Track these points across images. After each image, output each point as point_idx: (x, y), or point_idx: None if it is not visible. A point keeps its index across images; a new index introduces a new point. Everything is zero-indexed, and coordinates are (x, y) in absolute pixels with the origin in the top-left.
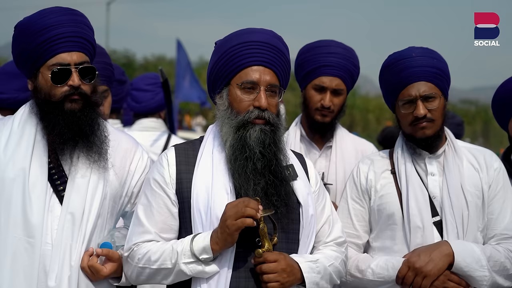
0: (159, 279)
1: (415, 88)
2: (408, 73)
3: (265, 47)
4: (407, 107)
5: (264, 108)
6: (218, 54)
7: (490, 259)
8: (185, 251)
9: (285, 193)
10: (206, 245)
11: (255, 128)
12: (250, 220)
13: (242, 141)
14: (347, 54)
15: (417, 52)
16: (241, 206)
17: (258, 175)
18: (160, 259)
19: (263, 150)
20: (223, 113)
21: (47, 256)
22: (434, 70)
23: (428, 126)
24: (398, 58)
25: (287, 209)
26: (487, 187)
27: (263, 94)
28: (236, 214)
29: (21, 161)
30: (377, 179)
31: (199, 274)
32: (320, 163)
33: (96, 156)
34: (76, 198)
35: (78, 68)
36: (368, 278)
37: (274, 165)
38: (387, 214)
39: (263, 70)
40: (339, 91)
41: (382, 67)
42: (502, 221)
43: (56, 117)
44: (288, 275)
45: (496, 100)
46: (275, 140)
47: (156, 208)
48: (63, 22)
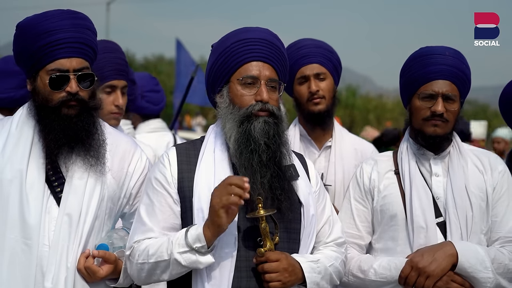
0: (159, 273)
1: (439, 84)
2: (437, 68)
3: (262, 43)
4: (426, 101)
5: (266, 100)
6: (216, 54)
7: (494, 261)
8: (179, 240)
9: (289, 187)
10: (199, 232)
11: (259, 120)
12: (236, 197)
13: (247, 134)
14: (316, 43)
15: (450, 52)
16: (225, 184)
17: (264, 167)
18: (158, 252)
19: (268, 141)
20: (225, 110)
21: (44, 258)
22: (461, 74)
23: (441, 125)
24: (430, 52)
25: (290, 203)
26: (492, 189)
27: (264, 87)
28: (221, 193)
29: (18, 163)
30: (381, 179)
31: (193, 264)
32: (320, 163)
33: (93, 160)
34: (73, 199)
35: (77, 75)
36: (370, 279)
37: (278, 157)
38: (390, 215)
39: (262, 65)
40: (321, 75)
41: (410, 57)
42: (507, 224)
43: (52, 122)
44: (290, 274)
45: (504, 99)
46: (278, 132)
47: (158, 206)
48: (64, 27)
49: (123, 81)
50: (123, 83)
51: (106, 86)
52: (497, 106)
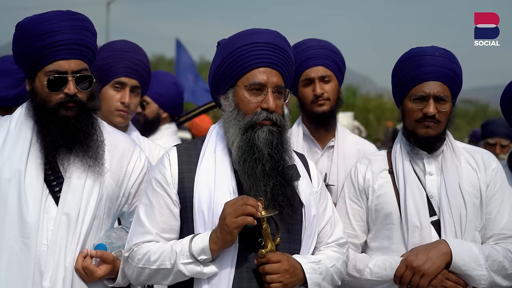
0: (159, 279)
1: (430, 86)
2: (427, 70)
3: (270, 48)
4: (418, 103)
5: (272, 110)
6: (223, 56)
7: (488, 258)
8: (183, 251)
9: (291, 193)
10: (205, 245)
11: (263, 129)
12: (251, 218)
13: (251, 142)
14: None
15: (440, 52)
16: (240, 204)
17: (266, 176)
18: (160, 260)
19: (271, 152)
20: (229, 114)
21: (43, 257)
22: (452, 74)
23: (433, 126)
24: (420, 53)
25: (292, 210)
26: (485, 187)
27: (271, 96)
28: (236, 211)
29: (17, 162)
30: (375, 179)
31: (197, 275)
32: (322, 163)
33: (91, 161)
34: (72, 199)
35: (75, 76)
36: (366, 278)
37: (281, 166)
38: (384, 214)
39: (270, 72)
40: (326, 77)
41: (400, 59)
42: (500, 221)
43: (50, 124)
44: (291, 275)
45: (505, 99)
46: (282, 141)
47: (157, 208)
48: (63, 29)
49: (134, 80)
50: (134, 82)
51: (116, 83)
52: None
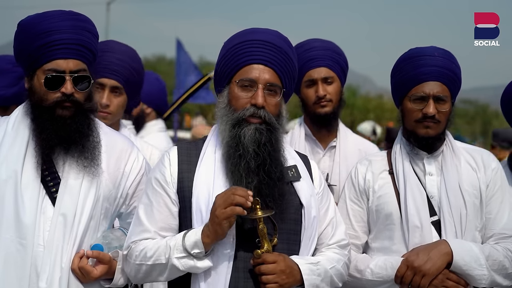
0: (155, 275)
1: (429, 86)
2: (427, 70)
3: (266, 46)
4: (417, 103)
5: (260, 105)
6: (222, 54)
7: (489, 258)
8: (177, 245)
9: (279, 193)
10: (197, 239)
11: (249, 127)
12: (240, 208)
13: (237, 139)
14: (325, 44)
15: (439, 53)
16: (229, 194)
17: (251, 174)
18: (155, 255)
19: (257, 149)
20: (222, 110)
21: (39, 258)
22: (451, 74)
23: (433, 126)
24: (420, 53)
25: (281, 210)
26: (485, 186)
27: (261, 92)
28: (225, 202)
29: (13, 163)
30: (375, 179)
31: (191, 269)
32: (324, 163)
33: (87, 162)
34: (68, 199)
35: (73, 76)
36: (367, 278)
37: (268, 164)
38: (385, 214)
39: (263, 69)
40: (328, 78)
41: (400, 59)
42: (500, 220)
43: (45, 122)
44: (287, 276)
45: (506, 99)
46: (271, 139)
47: (157, 207)
48: (64, 28)
49: (113, 81)
50: (113, 83)
51: (96, 83)
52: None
